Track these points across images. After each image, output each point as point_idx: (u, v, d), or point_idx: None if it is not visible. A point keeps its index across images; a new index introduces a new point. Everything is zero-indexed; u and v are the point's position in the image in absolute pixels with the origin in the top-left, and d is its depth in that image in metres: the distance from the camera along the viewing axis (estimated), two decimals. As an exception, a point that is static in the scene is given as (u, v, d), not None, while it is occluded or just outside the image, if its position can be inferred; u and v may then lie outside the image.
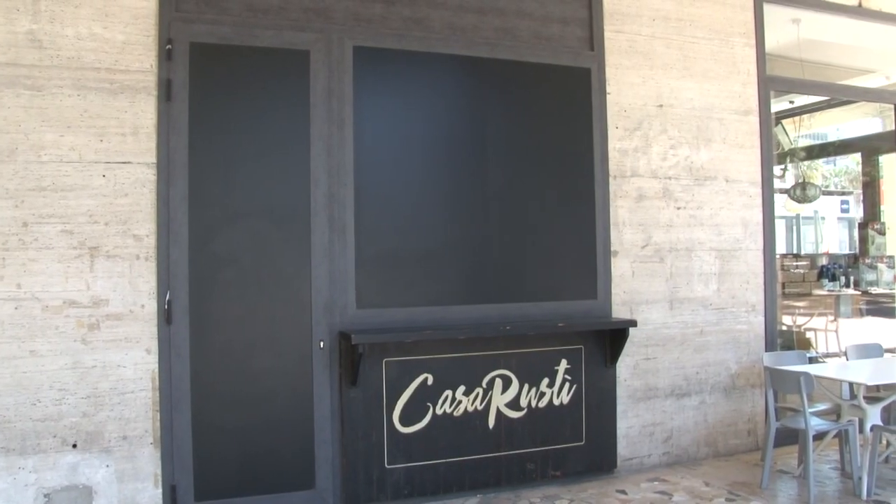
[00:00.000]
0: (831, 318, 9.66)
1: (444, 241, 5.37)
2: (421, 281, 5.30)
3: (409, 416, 5.15)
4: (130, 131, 4.62)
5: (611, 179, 5.91)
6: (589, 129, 5.81)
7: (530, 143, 5.65)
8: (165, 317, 4.64)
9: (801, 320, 9.59)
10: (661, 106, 6.16)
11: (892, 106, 7.91)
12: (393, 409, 5.11)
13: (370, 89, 5.19)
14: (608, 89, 5.93)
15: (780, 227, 15.84)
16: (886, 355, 6.62)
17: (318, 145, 5.02)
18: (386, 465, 5.08)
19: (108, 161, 4.57)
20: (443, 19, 5.45)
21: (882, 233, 9.81)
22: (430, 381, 5.20)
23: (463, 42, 5.47)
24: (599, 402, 5.73)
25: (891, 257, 9.29)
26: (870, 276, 9.50)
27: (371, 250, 5.14)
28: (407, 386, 5.15)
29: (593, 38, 5.92)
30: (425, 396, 5.19)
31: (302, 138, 5.00)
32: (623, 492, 5.42)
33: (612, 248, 5.89)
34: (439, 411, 5.22)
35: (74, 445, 4.45)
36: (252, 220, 4.88)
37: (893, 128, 7.84)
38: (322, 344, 4.98)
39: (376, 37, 5.23)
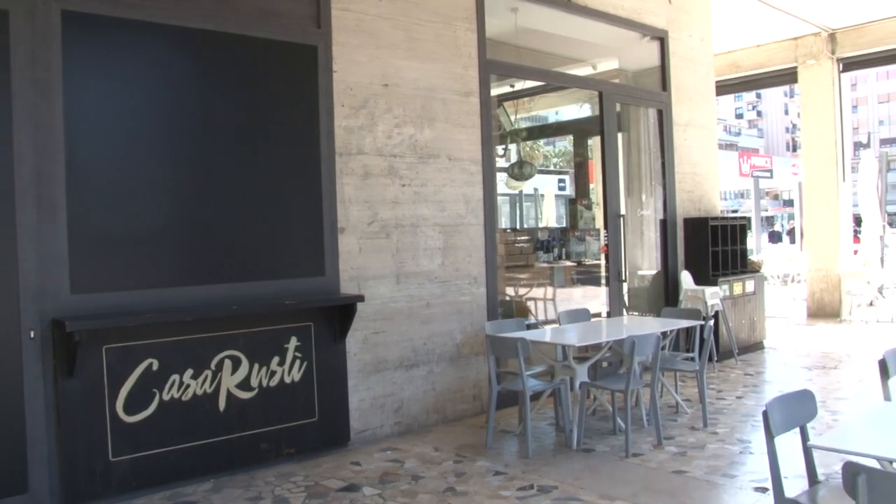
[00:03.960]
0: (548, 287, 10.41)
1: (168, 221, 5.16)
2: (144, 262, 5.05)
3: (134, 405, 4.91)
4: None
5: (337, 157, 5.96)
6: (315, 107, 5.83)
7: (257, 119, 5.56)
8: None
9: (521, 290, 10.25)
10: (386, 85, 6.30)
11: (598, 93, 8.64)
12: (116, 398, 4.85)
13: (83, 58, 4.82)
14: (335, 67, 5.97)
15: (504, 204, 16.81)
16: (593, 319, 7.30)
17: (22, 117, 4.58)
18: (110, 457, 4.82)
19: None
20: (161, -12, 5.19)
21: (589, 208, 10.73)
22: (155, 367, 4.99)
23: (183, 13, 5.22)
24: (331, 377, 5.82)
25: (597, 230, 10.17)
26: (579, 248, 10.37)
27: (87, 231, 4.81)
28: (130, 373, 4.90)
29: (320, 16, 5.92)
30: (151, 382, 4.98)
31: (3, 109, 4.54)
32: (357, 463, 5.55)
33: (339, 225, 5.96)
34: (166, 397, 5.04)
35: None
36: (-56, 201, 4.39)
37: (599, 113, 8.57)
38: (32, 334, 4.60)
39: (87, 1, 4.85)
